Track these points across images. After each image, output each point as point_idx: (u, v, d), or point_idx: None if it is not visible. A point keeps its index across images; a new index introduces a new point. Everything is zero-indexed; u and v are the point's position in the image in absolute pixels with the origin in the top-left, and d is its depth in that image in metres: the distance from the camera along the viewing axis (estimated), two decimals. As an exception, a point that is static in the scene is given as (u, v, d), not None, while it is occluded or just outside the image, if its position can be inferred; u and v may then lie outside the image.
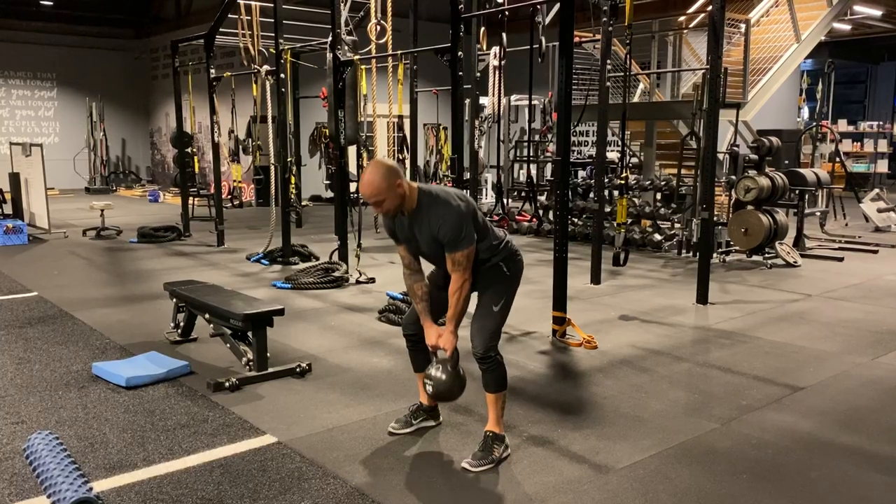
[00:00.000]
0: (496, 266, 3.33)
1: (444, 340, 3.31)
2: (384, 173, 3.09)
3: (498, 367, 3.31)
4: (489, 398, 3.36)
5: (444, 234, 3.15)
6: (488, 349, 3.27)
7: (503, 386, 3.36)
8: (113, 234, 10.43)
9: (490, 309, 3.30)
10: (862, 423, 3.80)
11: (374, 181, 3.08)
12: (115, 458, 3.32)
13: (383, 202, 3.13)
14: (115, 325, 5.62)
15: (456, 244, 3.15)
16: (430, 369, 3.39)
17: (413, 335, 3.54)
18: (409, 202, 3.18)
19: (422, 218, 3.20)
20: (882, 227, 11.27)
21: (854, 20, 14.58)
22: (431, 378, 3.36)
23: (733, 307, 6.31)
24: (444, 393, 3.38)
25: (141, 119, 19.78)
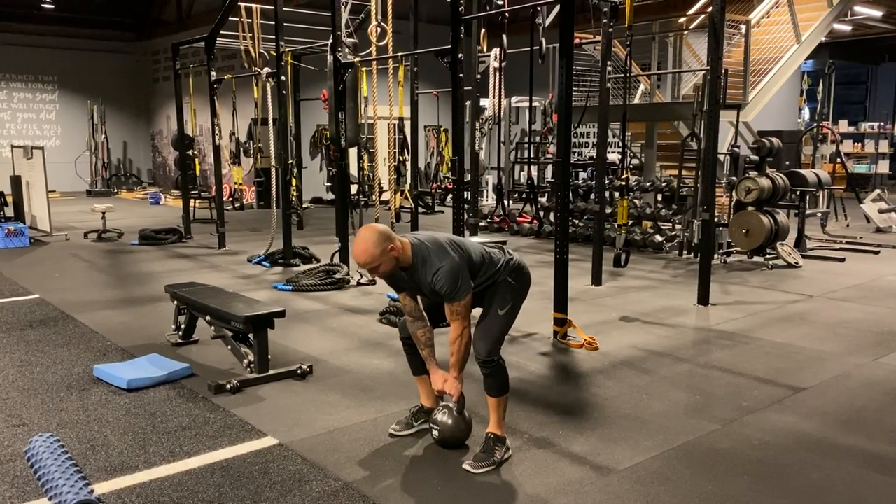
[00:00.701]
0: (504, 281, 3.39)
1: (450, 386, 3.36)
2: (376, 240, 3.12)
3: (500, 372, 3.34)
4: (491, 402, 3.37)
5: (440, 288, 3.19)
6: (491, 353, 3.28)
7: (505, 390, 3.38)
8: (114, 236, 10.44)
9: (496, 313, 3.32)
10: (863, 424, 3.80)
11: (368, 249, 3.12)
12: (117, 461, 3.32)
13: (378, 267, 3.17)
14: (116, 328, 5.62)
15: (453, 296, 3.20)
16: (437, 414, 3.44)
17: (409, 338, 3.54)
18: (403, 259, 3.21)
19: (419, 272, 3.23)
20: (883, 228, 11.26)
21: (854, 21, 14.59)
22: (438, 423, 3.41)
23: (734, 308, 6.31)
24: (450, 439, 3.42)
25: (142, 122, 19.80)
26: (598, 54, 7.78)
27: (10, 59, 17.81)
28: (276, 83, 8.36)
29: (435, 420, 3.44)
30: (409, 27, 9.12)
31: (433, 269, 3.18)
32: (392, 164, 8.88)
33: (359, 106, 7.47)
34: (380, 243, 3.12)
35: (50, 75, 18.49)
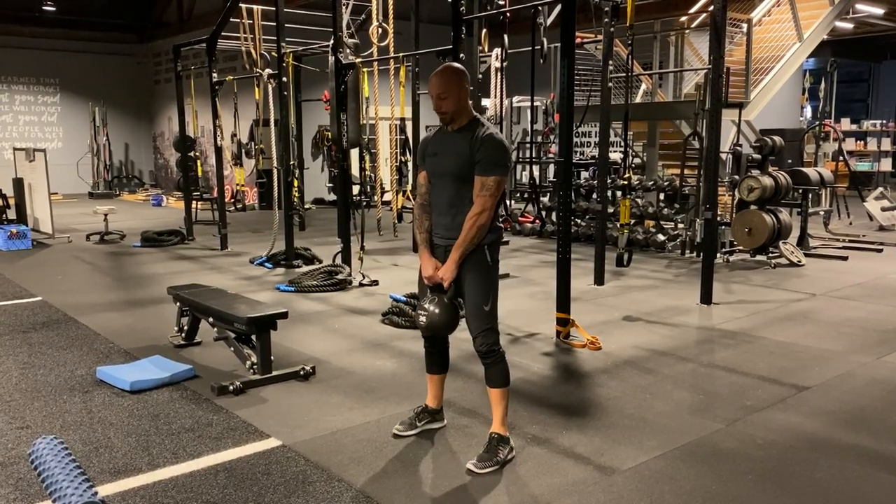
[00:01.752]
0: (480, 251, 3.28)
1: (445, 270, 3.29)
2: (459, 72, 3.25)
3: (502, 361, 3.33)
4: (494, 395, 3.35)
5: (484, 153, 3.19)
6: (491, 344, 3.29)
7: (507, 380, 3.36)
8: (116, 238, 10.45)
9: (481, 309, 3.28)
10: (867, 423, 3.79)
11: (447, 75, 3.22)
12: (120, 463, 3.32)
13: (446, 99, 3.21)
14: (119, 330, 5.62)
15: (492, 167, 3.19)
16: (425, 301, 3.33)
17: (432, 337, 3.52)
18: (462, 117, 3.27)
19: (466, 135, 3.25)
20: (886, 226, 11.24)
21: (856, 19, 14.55)
22: (425, 310, 3.30)
23: (737, 307, 6.30)
24: (437, 326, 3.31)
25: (144, 123, 19.81)
26: (599, 53, 7.77)
27: (12, 62, 17.83)
28: (277, 84, 8.37)
29: (423, 307, 3.32)
30: (410, 28, 9.12)
31: (486, 134, 3.21)
32: (394, 165, 8.87)
33: (360, 107, 7.47)
34: (459, 76, 3.24)
35: (51, 77, 18.50)
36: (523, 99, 12.74)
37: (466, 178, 3.25)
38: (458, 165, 3.26)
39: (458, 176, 3.27)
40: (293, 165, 8.91)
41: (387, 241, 9.99)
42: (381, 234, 10.12)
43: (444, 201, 3.35)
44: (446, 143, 3.33)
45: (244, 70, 9.88)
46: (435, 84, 3.23)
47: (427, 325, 3.32)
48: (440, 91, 3.21)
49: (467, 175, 3.25)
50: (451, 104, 3.22)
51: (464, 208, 3.27)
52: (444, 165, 3.32)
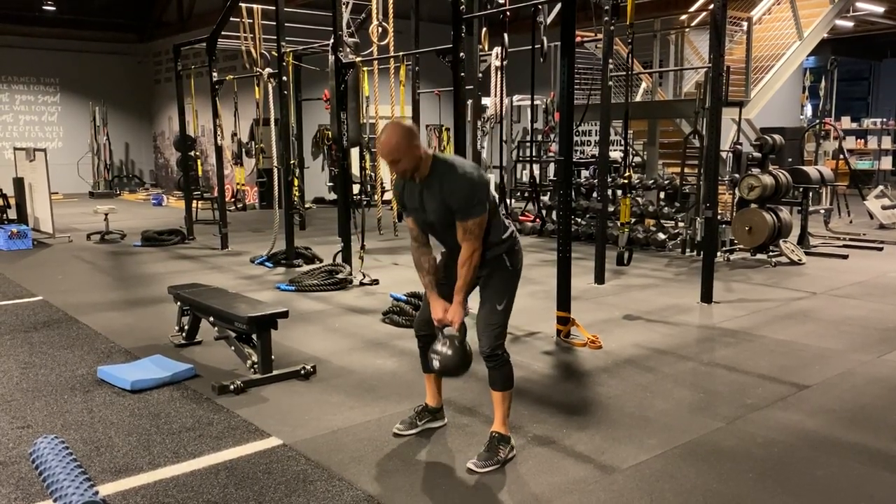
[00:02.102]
0: (499, 258, 3.29)
1: (452, 313, 3.27)
2: (403, 133, 3.11)
3: (505, 365, 3.32)
4: (496, 397, 3.35)
5: (456, 201, 3.12)
6: (496, 347, 3.27)
7: (510, 384, 3.35)
8: (117, 237, 10.45)
9: (494, 308, 3.28)
10: (868, 421, 3.79)
11: (392, 140, 3.09)
12: (121, 462, 3.33)
13: (399, 161, 3.12)
14: (119, 329, 5.63)
15: (468, 211, 3.12)
16: (437, 344, 3.32)
17: (425, 335, 3.51)
18: (423, 168, 3.17)
19: (434, 185, 3.17)
20: (886, 225, 11.24)
21: (856, 17, 14.54)
22: (438, 353, 3.28)
23: (738, 306, 6.30)
24: (451, 368, 3.29)
25: (144, 123, 19.82)
26: (599, 52, 7.77)
27: (12, 61, 17.84)
28: (277, 83, 8.36)
29: (435, 350, 3.30)
30: (410, 26, 9.12)
31: (451, 179, 3.13)
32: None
33: (360, 106, 7.47)
34: (406, 137, 3.11)
35: (52, 77, 18.51)
36: (523, 98, 12.74)
37: (454, 225, 3.20)
38: (444, 217, 3.21)
39: (448, 224, 3.22)
40: (293, 165, 8.92)
41: (387, 240, 9.99)
42: (381, 234, 10.12)
43: (448, 247, 3.34)
44: (419, 197, 3.26)
45: (244, 69, 9.87)
46: (384, 152, 3.12)
47: (441, 369, 3.31)
48: (391, 158, 3.12)
49: (452, 222, 3.20)
50: (406, 164, 3.13)
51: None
52: (430, 219, 3.27)
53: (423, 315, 3.53)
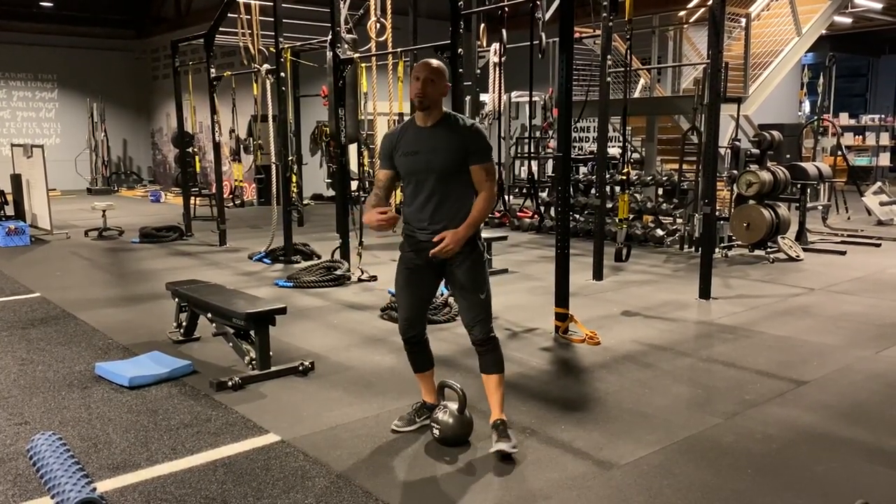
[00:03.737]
0: (473, 240, 3.34)
1: (453, 240, 3.20)
2: (444, 67, 3.36)
3: (497, 348, 3.41)
4: (492, 381, 3.41)
5: (474, 143, 3.29)
6: (487, 332, 3.37)
7: (503, 367, 3.44)
8: (115, 234, 10.44)
9: (478, 298, 3.35)
10: (866, 417, 3.79)
11: (435, 65, 3.30)
12: (119, 459, 3.32)
13: (432, 82, 3.24)
14: (117, 326, 5.62)
15: (486, 154, 3.33)
16: (438, 413, 3.42)
17: (412, 337, 3.53)
18: (437, 111, 3.30)
19: (447, 130, 3.29)
20: (884, 221, 11.25)
21: (855, 13, 14.54)
22: (439, 422, 3.40)
23: (736, 302, 6.30)
24: (451, 438, 3.40)
25: (142, 119, 19.79)
26: (598, 48, 7.76)
27: (10, 58, 17.80)
28: (275, 80, 8.34)
29: (436, 419, 3.44)
30: (408, 22, 9.10)
31: (469, 126, 3.32)
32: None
33: (358, 102, 7.46)
34: (445, 70, 3.35)
35: (49, 73, 18.47)
36: (522, 94, 12.72)
37: (453, 173, 3.29)
38: (447, 161, 3.26)
39: (446, 171, 3.28)
40: (291, 161, 8.90)
41: (385, 236, 9.98)
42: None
43: (430, 198, 3.31)
44: (424, 140, 3.30)
45: (242, 65, 9.85)
46: (423, 67, 3.26)
47: (442, 437, 3.40)
48: (429, 73, 3.23)
49: (455, 169, 3.28)
50: (434, 90, 3.25)
51: (450, 201, 3.30)
52: (429, 163, 3.27)
53: (406, 315, 3.50)
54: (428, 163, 3.29)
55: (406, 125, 3.41)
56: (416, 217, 3.37)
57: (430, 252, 3.25)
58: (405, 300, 3.47)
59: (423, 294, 3.47)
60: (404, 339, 3.56)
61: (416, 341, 3.54)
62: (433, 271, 3.40)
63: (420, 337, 3.53)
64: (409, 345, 3.57)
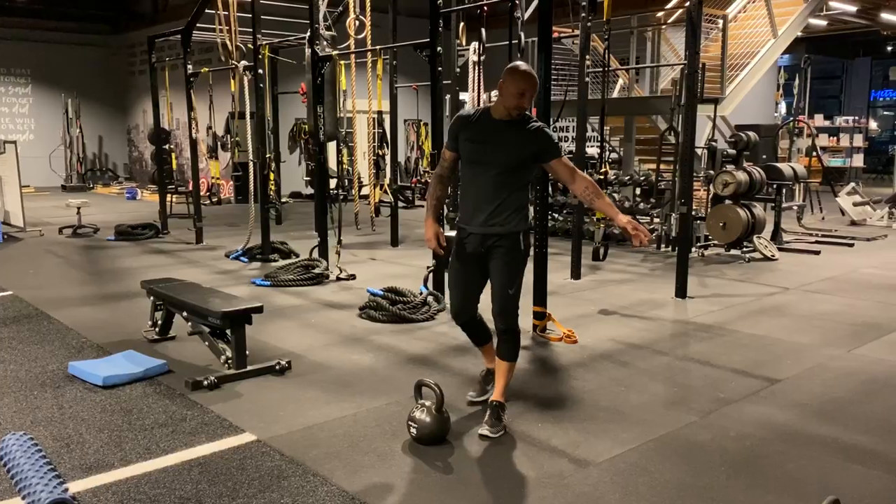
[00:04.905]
0: (516, 236, 3.53)
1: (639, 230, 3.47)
2: (536, 75, 3.54)
3: (517, 338, 3.64)
4: (503, 366, 3.64)
5: (549, 143, 3.51)
6: (510, 324, 3.59)
7: (516, 356, 3.67)
8: (90, 232, 10.31)
9: (506, 292, 3.54)
10: (839, 415, 3.84)
11: (532, 76, 3.47)
12: (92, 459, 3.28)
13: (529, 97, 3.46)
14: (91, 324, 5.55)
15: (559, 150, 3.57)
16: (415, 412, 3.45)
17: (467, 322, 3.78)
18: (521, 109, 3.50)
19: (519, 128, 3.49)
20: (858, 221, 11.41)
21: (830, 16, 14.73)
22: (416, 421, 3.43)
23: (712, 301, 6.36)
24: (428, 437, 3.42)
25: (118, 116, 19.56)
26: (576, 48, 7.79)
27: (-18, 52, 17.52)
28: (253, 76, 8.28)
29: (413, 418, 3.44)
30: (388, 20, 9.08)
31: (539, 126, 3.53)
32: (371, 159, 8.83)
33: (337, 99, 7.42)
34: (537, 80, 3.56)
35: (23, 68, 18.20)
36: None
37: (516, 169, 3.51)
38: (512, 156, 3.48)
39: (510, 167, 3.49)
40: (269, 158, 8.85)
41: (364, 235, 9.96)
42: (358, 228, 10.08)
43: (486, 190, 3.51)
44: (496, 133, 3.50)
45: (220, 62, 9.77)
46: (522, 81, 3.42)
47: (419, 437, 3.43)
48: (527, 88, 3.42)
49: (517, 166, 3.50)
50: (530, 97, 3.47)
51: (507, 198, 3.50)
52: (496, 155, 3.48)
53: (456, 306, 3.75)
54: (493, 154, 3.49)
55: (481, 112, 3.59)
56: (469, 209, 3.60)
57: (634, 244, 3.50)
58: (455, 292, 3.74)
59: (472, 285, 3.70)
60: (459, 324, 3.81)
61: (470, 323, 3.79)
62: (478, 263, 3.62)
63: (472, 320, 3.78)
64: (463, 327, 3.83)
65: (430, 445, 3.41)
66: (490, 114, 3.53)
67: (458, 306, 3.75)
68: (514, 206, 3.52)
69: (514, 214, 3.52)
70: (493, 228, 3.51)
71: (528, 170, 3.58)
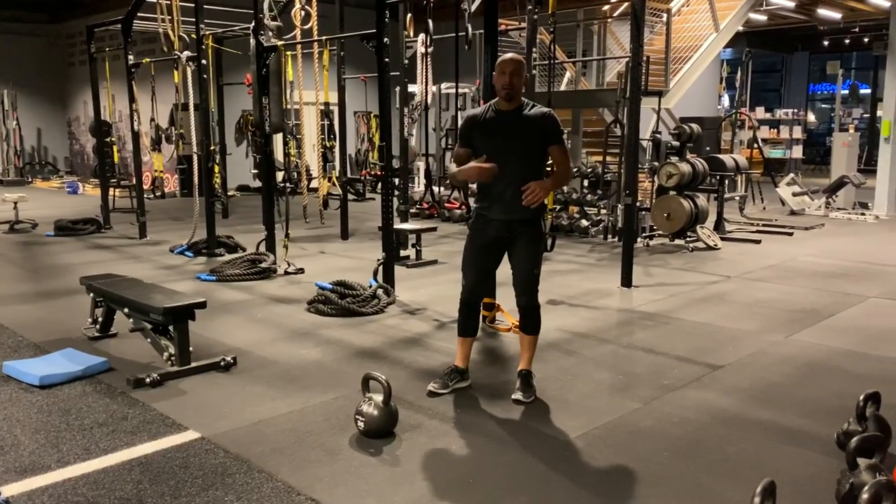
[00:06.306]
0: (536, 220, 3.82)
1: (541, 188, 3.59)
2: (524, 61, 3.76)
3: (538, 314, 3.95)
4: (528, 340, 3.96)
5: (552, 126, 3.73)
6: (534, 302, 3.90)
7: (539, 330, 3.98)
8: (28, 227, 9.99)
9: (531, 272, 3.86)
10: (776, 399, 3.95)
11: (518, 59, 3.71)
12: (27, 461, 3.18)
13: (516, 76, 3.64)
14: (29, 322, 5.38)
15: (562, 136, 3.79)
16: (363, 405, 3.44)
17: (472, 304, 4.00)
18: (518, 97, 3.71)
19: (527, 116, 3.71)
20: (797, 211, 11.75)
21: (770, 11, 15.10)
22: (364, 414, 3.42)
23: (656, 290, 6.47)
24: (375, 430, 3.41)
25: (58, 108, 18.94)
26: (524, 41, 7.83)
27: (-90, 41, 16.77)
28: (196, 67, 8.11)
29: (360, 411, 3.42)
30: (335, 11, 8.98)
31: (546, 113, 3.75)
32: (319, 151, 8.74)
33: (283, 90, 7.32)
34: (525, 64, 3.76)
35: (-45, 58, 17.49)
36: (451, 85, 12.74)
37: (531, 156, 3.74)
38: (526, 145, 3.71)
39: (527, 155, 3.72)
40: (214, 151, 8.68)
41: (314, 228, 9.86)
42: (307, 221, 9.96)
43: (508, 180, 3.66)
44: (506, 124, 3.73)
45: (163, 52, 9.53)
46: (509, 62, 3.65)
47: (366, 430, 3.42)
48: (514, 68, 3.64)
49: (533, 152, 3.74)
50: (518, 81, 3.65)
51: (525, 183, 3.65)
52: (512, 145, 3.69)
53: (470, 285, 3.98)
54: (509, 145, 3.70)
55: (487, 109, 3.82)
56: (490, 198, 3.78)
57: (524, 201, 3.60)
58: (470, 273, 3.96)
59: (487, 267, 4.00)
60: (464, 304, 3.99)
61: (476, 305, 4.03)
62: (499, 248, 3.90)
63: (477, 304, 4.05)
64: (465, 308, 4.00)
65: (377, 438, 3.40)
66: (496, 108, 3.77)
67: (472, 286, 3.97)
68: None
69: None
70: (516, 215, 3.73)
71: (543, 153, 3.78)
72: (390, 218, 6.06)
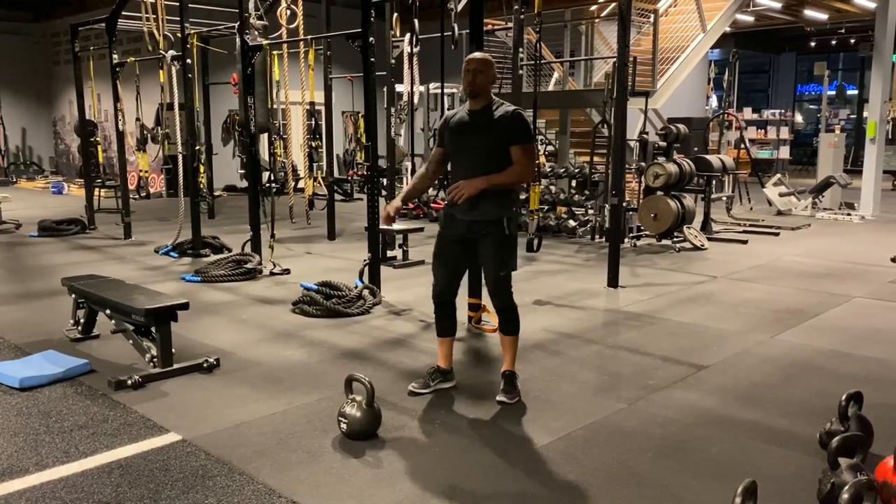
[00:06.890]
0: (499, 223, 3.73)
1: (469, 186, 3.62)
2: (489, 58, 3.78)
3: (515, 314, 3.90)
4: (507, 340, 3.93)
5: (519, 126, 3.69)
6: (506, 302, 3.87)
7: (517, 330, 3.94)
8: (11, 228, 9.90)
9: (497, 275, 3.80)
10: (760, 399, 3.96)
11: (482, 57, 3.75)
12: (5, 464, 3.14)
13: (480, 73, 3.67)
14: (10, 324, 5.32)
15: (528, 137, 3.73)
16: (346, 406, 3.42)
17: (446, 302, 3.96)
18: (486, 96, 3.74)
19: (494, 114, 3.70)
20: (783, 211, 11.80)
21: (757, 12, 15.17)
22: (346, 416, 3.40)
23: (643, 290, 6.48)
24: (358, 432, 3.39)
25: (42, 107, 18.78)
26: (510, 41, 7.82)
27: None
28: (181, 67, 8.06)
29: (343, 413, 3.40)
30: (321, 10, 8.95)
31: (512, 112, 3.71)
32: (305, 151, 8.71)
33: (269, 90, 7.28)
34: (490, 61, 3.77)
35: (-62, 57, 17.32)
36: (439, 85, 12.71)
37: (493, 154, 3.69)
38: (489, 141, 3.68)
39: (486, 151, 3.69)
40: (199, 151, 8.63)
41: (301, 228, 9.81)
42: (293, 222, 9.91)
43: (464, 176, 3.70)
44: (472, 122, 3.75)
45: (148, 51, 9.47)
46: (472, 61, 3.70)
47: (349, 432, 3.40)
48: (477, 66, 3.67)
49: (495, 150, 3.69)
50: (482, 80, 3.68)
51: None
52: (477, 142, 3.71)
53: (439, 284, 3.95)
54: (471, 142, 3.74)
55: (461, 109, 3.88)
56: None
57: (449, 197, 3.69)
58: (439, 271, 3.94)
59: (454, 267, 3.94)
60: (436, 304, 3.98)
61: (446, 305, 3.96)
62: (466, 247, 3.85)
63: (451, 303, 3.97)
64: (439, 308, 3.98)
65: (360, 440, 3.38)
66: (469, 108, 3.80)
67: (442, 286, 3.94)
68: (496, 193, 3.70)
69: (496, 201, 3.71)
70: (476, 215, 3.71)
71: (506, 153, 3.71)
72: (376, 218, 6.04)
